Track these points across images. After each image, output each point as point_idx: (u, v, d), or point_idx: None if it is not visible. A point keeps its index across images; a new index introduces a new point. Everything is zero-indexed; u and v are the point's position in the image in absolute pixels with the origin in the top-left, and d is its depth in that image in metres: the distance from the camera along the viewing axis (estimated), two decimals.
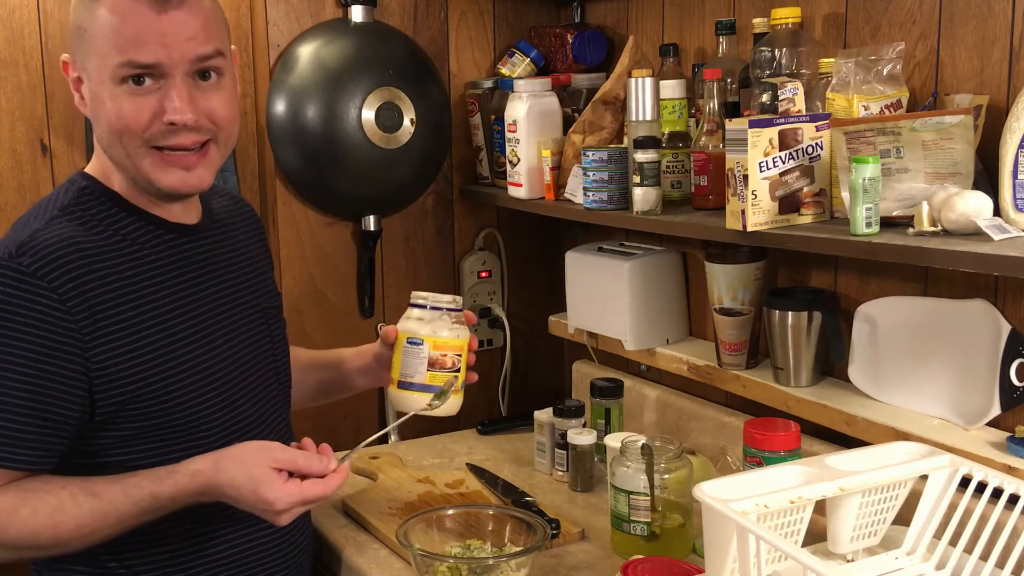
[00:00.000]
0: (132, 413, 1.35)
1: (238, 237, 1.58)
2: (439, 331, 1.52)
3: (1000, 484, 1.33)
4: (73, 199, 1.39)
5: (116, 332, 1.33)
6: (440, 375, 1.51)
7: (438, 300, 1.53)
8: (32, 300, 1.28)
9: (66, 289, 1.29)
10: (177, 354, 1.38)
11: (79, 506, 1.30)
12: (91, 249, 1.34)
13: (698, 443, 2.02)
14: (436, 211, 2.46)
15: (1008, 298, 1.54)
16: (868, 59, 1.59)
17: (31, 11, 2.06)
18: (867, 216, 1.48)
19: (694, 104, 1.97)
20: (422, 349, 1.50)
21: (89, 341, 1.31)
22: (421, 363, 1.51)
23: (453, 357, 1.52)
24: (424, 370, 1.51)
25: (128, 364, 1.34)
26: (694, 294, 2.15)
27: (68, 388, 1.30)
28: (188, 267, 1.44)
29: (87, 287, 1.31)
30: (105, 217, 1.39)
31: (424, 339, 1.51)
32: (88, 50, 1.34)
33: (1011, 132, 1.40)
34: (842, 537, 1.38)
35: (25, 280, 1.28)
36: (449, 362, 1.52)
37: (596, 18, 2.40)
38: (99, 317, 1.32)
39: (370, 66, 2.25)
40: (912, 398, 1.64)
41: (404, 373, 1.52)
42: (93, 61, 1.34)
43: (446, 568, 1.53)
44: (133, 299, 1.36)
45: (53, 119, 2.10)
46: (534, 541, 1.58)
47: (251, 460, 1.33)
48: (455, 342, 1.52)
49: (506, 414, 2.52)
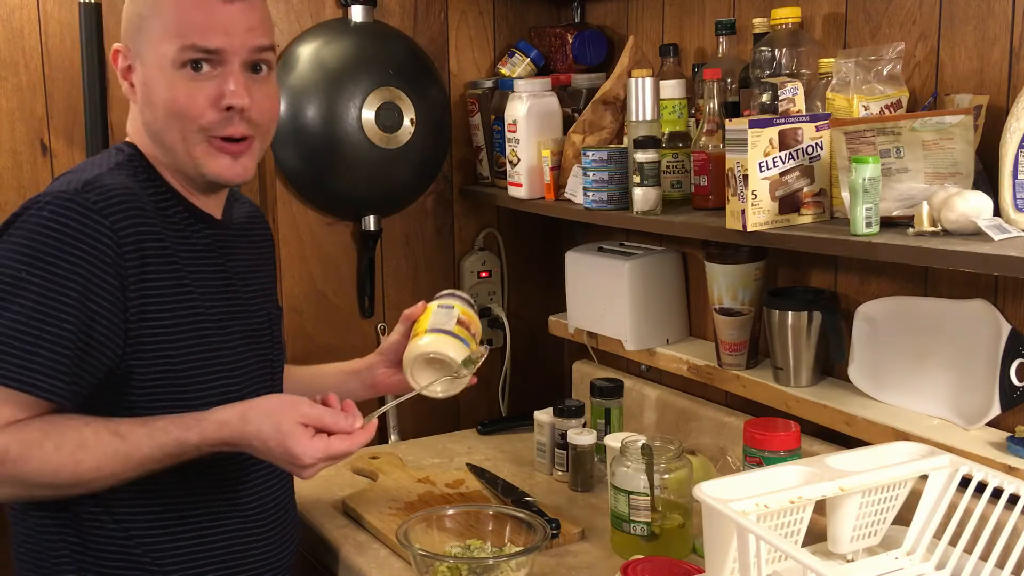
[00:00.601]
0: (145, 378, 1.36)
1: (253, 242, 1.61)
2: (465, 307, 1.64)
3: (1000, 484, 1.33)
4: (127, 160, 1.42)
5: (155, 290, 1.35)
6: (465, 334, 1.58)
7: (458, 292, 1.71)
8: (92, 237, 1.30)
9: (126, 234, 1.32)
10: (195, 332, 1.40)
11: (102, 445, 1.30)
12: (147, 204, 1.37)
13: (698, 443, 2.02)
14: (436, 211, 2.46)
15: (1008, 298, 1.54)
16: (868, 59, 1.59)
17: (31, 11, 2.06)
18: (867, 216, 1.48)
19: (694, 104, 1.97)
20: (452, 311, 1.60)
21: (133, 291, 1.33)
22: (451, 319, 1.59)
23: (476, 327, 1.62)
24: (454, 324, 1.58)
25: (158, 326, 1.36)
26: (694, 294, 2.15)
27: (109, 329, 1.32)
28: (212, 256, 1.47)
29: (142, 238, 1.34)
30: (152, 184, 1.42)
31: (455, 305, 1.63)
32: (146, 37, 1.38)
33: (1011, 132, 1.40)
34: (842, 537, 1.38)
35: (89, 216, 1.30)
36: (472, 329, 1.61)
37: (596, 18, 2.41)
38: (147, 269, 1.34)
39: (370, 66, 2.25)
40: (912, 398, 1.64)
41: (433, 324, 1.58)
42: (151, 47, 1.38)
43: (446, 568, 1.53)
44: (173, 265, 1.38)
45: (53, 119, 2.10)
46: (534, 541, 1.58)
47: (279, 413, 1.33)
48: (475, 321, 1.64)
49: (506, 414, 2.52)
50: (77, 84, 2.08)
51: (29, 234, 1.30)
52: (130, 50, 1.41)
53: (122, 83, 1.43)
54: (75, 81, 2.09)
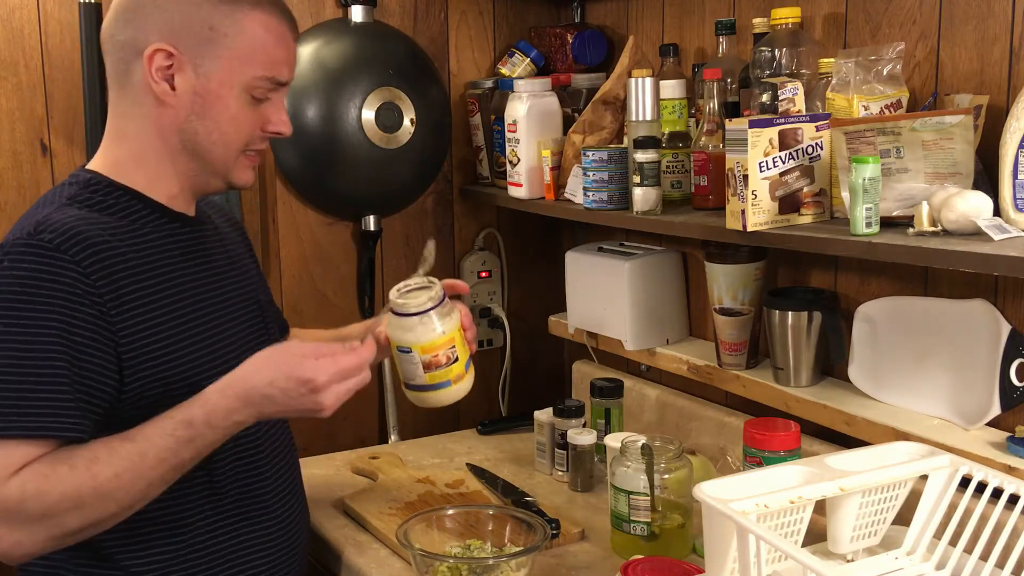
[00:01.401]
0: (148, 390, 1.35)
1: (223, 232, 1.61)
2: (422, 336, 1.46)
3: (1000, 484, 1.33)
4: (80, 189, 1.41)
5: (137, 307, 1.35)
6: (439, 373, 1.49)
7: (409, 306, 1.47)
8: (57, 273, 1.29)
9: (89, 263, 1.31)
10: (189, 335, 1.40)
11: (114, 452, 1.29)
12: (106, 227, 1.36)
13: (698, 443, 2.02)
14: (436, 211, 2.46)
15: (1008, 298, 1.54)
16: (868, 59, 1.59)
17: (31, 11, 2.06)
18: (867, 216, 1.48)
19: (694, 104, 1.97)
20: (413, 356, 1.48)
21: (115, 314, 1.32)
22: (416, 367, 1.48)
23: (446, 352, 1.48)
24: (422, 373, 1.49)
25: (150, 340, 1.35)
26: (694, 294, 2.15)
27: (101, 356, 1.31)
28: (191, 254, 1.47)
29: (108, 262, 1.33)
30: (113, 203, 1.41)
31: (412, 347, 1.47)
32: (217, 52, 1.39)
33: (1011, 132, 1.40)
34: (842, 537, 1.38)
35: (48, 254, 1.29)
36: (443, 359, 1.48)
37: (596, 18, 2.40)
38: (121, 291, 1.33)
39: (370, 66, 2.25)
40: (912, 398, 1.64)
41: (406, 377, 1.52)
42: (221, 63, 1.39)
43: (446, 568, 1.53)
44: (148, 277, 1.38)
45: (53, 119, 2.10)
46: (534, 541, 1.58)
47: (278, 355, 1.33)
48: (442, 339, 1.47)
49: (506, 414, 2.52)
50: (77, 84, 2.08)
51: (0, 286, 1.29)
52: (183, 56, 1.38)
53: (155, 83, 1.39)
54: (75, 81, 2.09)
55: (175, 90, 1.39)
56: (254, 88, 1.41)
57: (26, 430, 1.26)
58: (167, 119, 1.41)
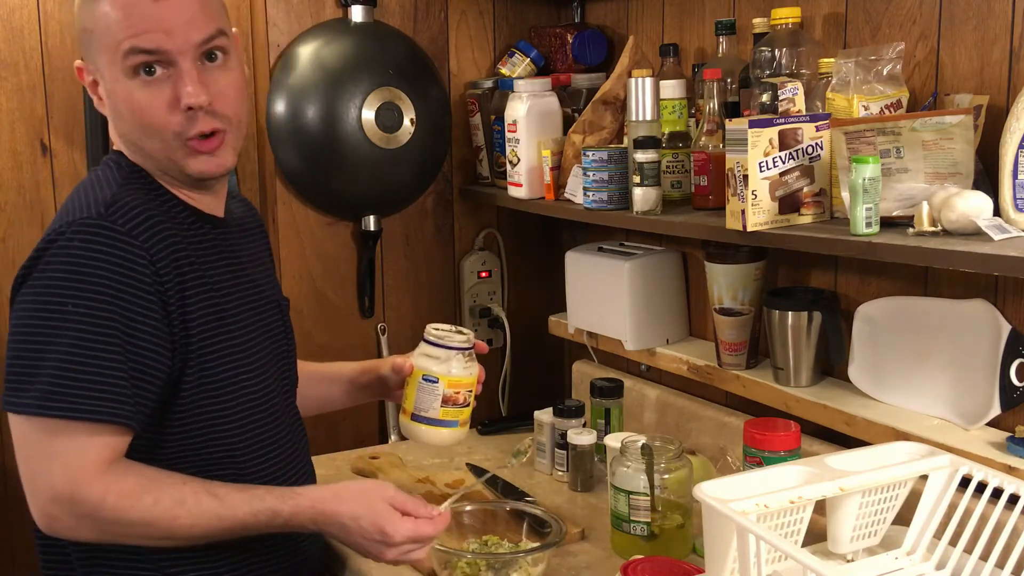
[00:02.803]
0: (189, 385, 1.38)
1: (252, 235, 1.63)
2: (453, 370, 1.58)
3: (1000, 484, 1.33)
4: (128, 175, 1.42)
5: (192, 302, 1.37)
6: (452, 411, 1.58)
7: (452, 339, 1.58)
8: (130, 261, 1.31)
9: (157, 251, 1.33)
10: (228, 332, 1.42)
11: (200, 504, 1.32)
12: (165, 218, 1.39)
13: (698, 443, 2.02)
14: (436, 211, 2.46)
15: (1008, 298, 1.54)
16: (868, 59, 1.59)
17: (31, 11, 2.06)
18: (867, 216, 1.48)
19: (694, 104, 1.97)
20: (437, 387, 1.57)
21: (175, 307, 1.34)
22: (435, 399, 1.57)
23: (465, 394, 1.59)
24: (438, 406, 1.57)
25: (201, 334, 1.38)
26: (694, 294, 2.15)
27: (157, 347, 1.33)
28: (223, 255, 1.48)
29: (174, 254, 1.36)
30: (157, 195, 1.42)
31: (440, 377, 1.57)
32: (96, 49, 1.38)
33: (1011, 132, 1.40)
34: (842, 537, 1.38)
35: (120, 238, 1.31)
36: (461, 399, 1.58)
37: (596, 18, 2.40)
38: (185, 285, 1.36)
39: (370, 66, 2.25)
40: (912, 398, 1.64)
41: (418, 407, 1.58)
42: (103, 59, 1.37)
43: (465, 564, 1.54)
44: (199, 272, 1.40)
45: (53, 119, 2.10)
46: (550, 537, 1.59)
47: (372, 495, 1.40)
48: (468, 379, 1.59)
49: (506, 414, 2.52)
50: (77, 84, 2.07)
51: (66, 265, 1.30)
52: (88, 66, 1.41)
53: (94, 98, 1.43)
54: (75, 81, 2.08)
55: (102, 100, 1.41)
56: (131, 69, 1.35)
57: (93, 414, 1.28)
58: (117, 129, 1.43)
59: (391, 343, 2.41)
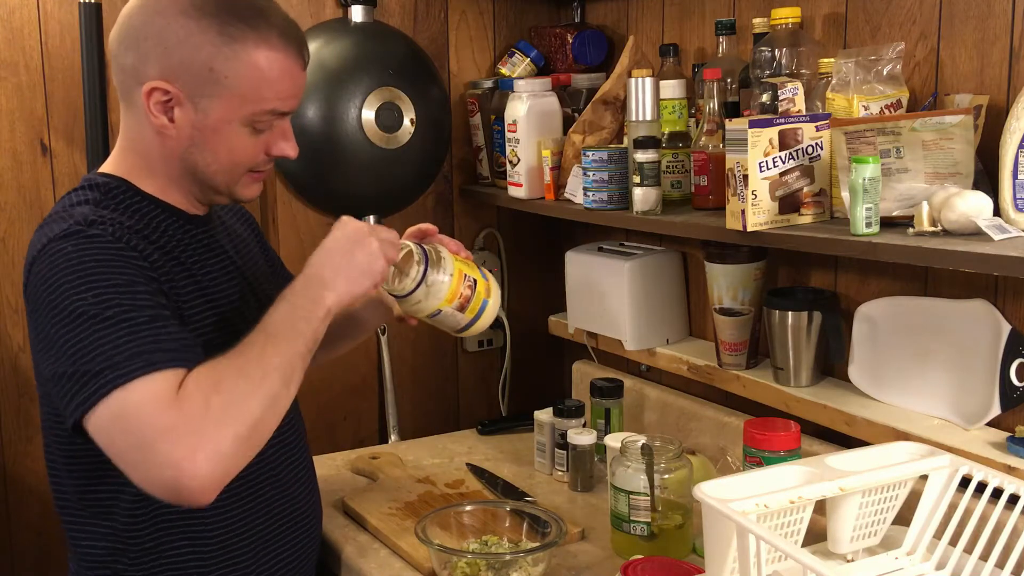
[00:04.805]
0: None
1: (233, 226, 1.63)
2: (439, 292, 1.49)
3: (1000, 484, 1.33)
4: (101, 195, 1.42)
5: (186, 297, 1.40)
6: (473, 303, 1.53)
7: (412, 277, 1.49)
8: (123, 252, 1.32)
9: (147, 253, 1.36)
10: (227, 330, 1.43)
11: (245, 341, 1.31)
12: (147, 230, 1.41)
13: (698, 443, 2.02)
14: (436, 211, 2.46)
15: (1008, 298, 1.54)
16: (868, 59, 1.59)
17: (31, 11, 2.06)
18: (867, 216, 1.48)
19: (694, 104, 1.97)
20: (445, 312, 1.52)
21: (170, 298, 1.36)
22: (454, 316, 1.53)
23: (465, 286, 1.52)
24: (461, 315, 1.53)
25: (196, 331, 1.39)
26: (694, 294, 2.15)
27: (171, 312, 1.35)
28: (205, 253, 1.49)
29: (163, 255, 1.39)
30: (131, 205, 1.43)
31: (438, 307, 1.51)
32: (217, 91, 1.37)
33: (1011, 132, 1.40)
34: (842, 537, 1.38)
35: (108, 239, 1.32)
36: (467, 291, 1.52)
37: (596, 18, 2.41)
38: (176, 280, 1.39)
39: (370, 66, 2.25)
40: (912, 398, 1.64)
41: (451, 327, 1.56)
42: (220, 102, 1.37)
43: (465, 564, 1.54)
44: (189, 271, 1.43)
45: (53, 119, 2.10)
46: (550, 537, 1.59)
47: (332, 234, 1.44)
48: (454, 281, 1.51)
49: (506, 414, 2.52)
50: (77, 84, 2.08)
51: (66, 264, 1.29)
52: (181, 93, 1.37)
53: (154, 117, 1.38)
54: (75, 81, 2.09)
55: (174, 123, 1.39)
56: (256, 122, 1.40)
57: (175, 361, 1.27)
58: (168, 147, 1.42)
59: (391, 343, 2.41)
